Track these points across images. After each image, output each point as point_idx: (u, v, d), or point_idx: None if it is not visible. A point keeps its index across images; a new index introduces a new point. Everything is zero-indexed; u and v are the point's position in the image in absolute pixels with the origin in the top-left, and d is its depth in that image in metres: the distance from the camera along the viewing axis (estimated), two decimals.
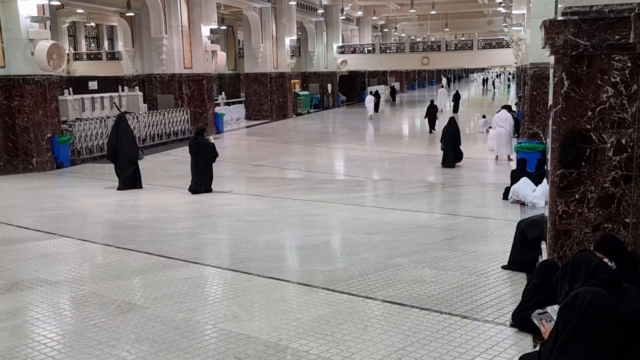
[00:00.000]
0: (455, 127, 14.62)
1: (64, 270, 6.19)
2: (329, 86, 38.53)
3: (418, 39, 49.14)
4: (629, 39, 4.01)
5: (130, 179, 11.52)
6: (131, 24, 23.74)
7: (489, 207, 9.56)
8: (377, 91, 36.86)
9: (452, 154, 14.35)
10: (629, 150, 4.16)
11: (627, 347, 2.77)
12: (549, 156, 4.68)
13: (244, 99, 31.56)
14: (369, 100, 31.06)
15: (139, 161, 11.83)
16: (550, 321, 3.52)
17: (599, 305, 2.70)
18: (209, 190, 10.95)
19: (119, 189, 11.48)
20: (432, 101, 24.57)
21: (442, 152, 14.56)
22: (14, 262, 6.54)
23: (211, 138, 11.55)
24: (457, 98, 32.19)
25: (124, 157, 11.44)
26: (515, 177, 9.87)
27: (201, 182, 10.93)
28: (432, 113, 23.12)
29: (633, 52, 4.06)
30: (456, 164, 14.35)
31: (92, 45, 42.27)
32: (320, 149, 19.22)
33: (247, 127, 26.81)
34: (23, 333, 4.57)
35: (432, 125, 22.86)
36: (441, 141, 14.66)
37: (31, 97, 14.30)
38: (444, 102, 32.45)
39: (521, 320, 4.34)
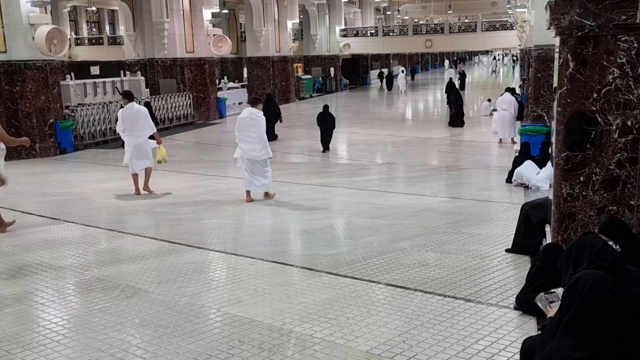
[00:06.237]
0: (458, 94, 19.47)
1: (68, 255, 6.22)
2: (332, 70, 38.28)
3: (421, 22, 48.69)
4: (635, 19, 3.96)
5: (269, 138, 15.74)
6: (132, 8, 23.52)
7: (493, 190, 9.53)
8: (403, 70, 41.18)
9: (458, 117, 18.75)
10: (635, 132, 4.13)
11: (628, 328, 2.78)
12: (553, 139, 4.65)
13: (246, 82, 31.39)
14: (401, 77, 35.99)
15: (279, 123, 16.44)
16: (555, 302, 3.52)
17: (601, 287, 2.71)
18: (327, 149, 14.47)
19: None
20: (450, 79, 27.75)
21: (449, 117, 19.36)
22: (18, 248, 6.56)
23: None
24: (462, 77, 34.15)
25: (271, 123, 15.15)
26: (517, 161, 9.82)
27: (326, 143, 14.49)
28: (450, 89, 25.98)
29: (639, 33, 4.01)
30: (457, 125, 18.59)
31: (94, 30, 42.10)
32: None
33: None
34: (28, 318, 4.60)
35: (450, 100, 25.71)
36: (448, 105, 19.18)
37: (33, 82, 14.26)
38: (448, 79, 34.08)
39: (525, 303, 4.35)
